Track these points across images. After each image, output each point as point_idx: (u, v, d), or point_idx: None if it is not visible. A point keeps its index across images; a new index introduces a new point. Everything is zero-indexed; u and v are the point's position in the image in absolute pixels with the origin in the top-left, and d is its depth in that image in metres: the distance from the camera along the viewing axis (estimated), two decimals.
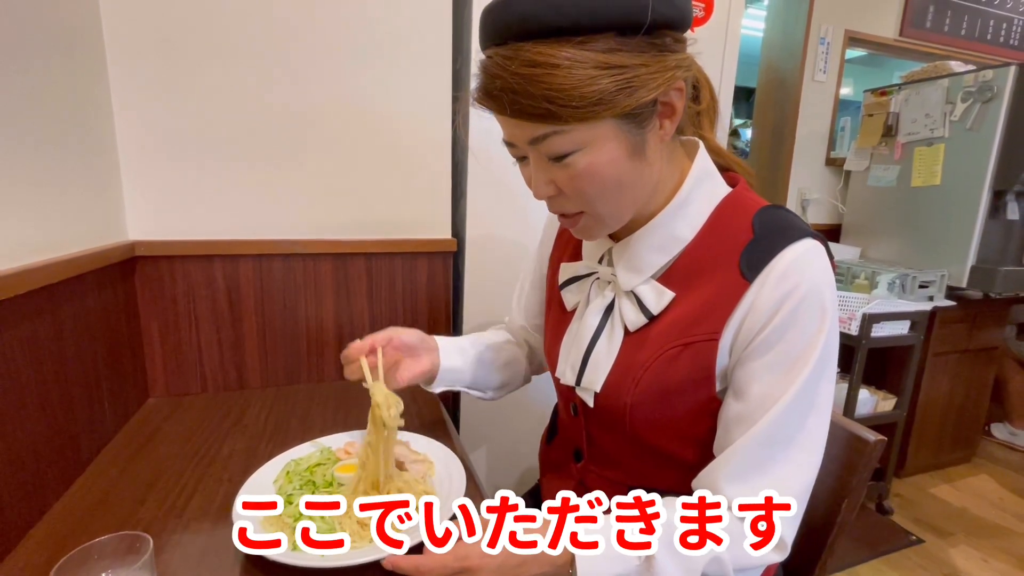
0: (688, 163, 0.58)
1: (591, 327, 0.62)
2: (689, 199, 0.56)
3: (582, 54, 0.44)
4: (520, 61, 0.45)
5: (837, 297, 0.52)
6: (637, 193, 0.54)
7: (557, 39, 0.45)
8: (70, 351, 0.73)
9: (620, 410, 0.59)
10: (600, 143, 0.49)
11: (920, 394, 2.01)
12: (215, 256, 1.00)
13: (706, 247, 0.56)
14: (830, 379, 0.52)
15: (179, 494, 0.70)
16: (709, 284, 0.54)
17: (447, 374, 0.76)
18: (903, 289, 1.87)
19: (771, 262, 0.50)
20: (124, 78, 0.91)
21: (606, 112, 0.46)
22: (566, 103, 0.45)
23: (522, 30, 0.45)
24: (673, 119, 0.51)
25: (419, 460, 0.73)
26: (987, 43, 2.60)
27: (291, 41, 0.99)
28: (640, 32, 0.45)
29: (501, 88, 0.47)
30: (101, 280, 0.83)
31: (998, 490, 2.12)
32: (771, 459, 0.51)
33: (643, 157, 0.51)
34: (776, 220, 0.54)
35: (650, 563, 0.49)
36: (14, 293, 0.61)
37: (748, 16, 3.25)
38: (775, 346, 0.50)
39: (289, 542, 0.57)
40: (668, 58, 0.48)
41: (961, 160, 1.92)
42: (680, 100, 0.50)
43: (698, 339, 0.53)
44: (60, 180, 0.75)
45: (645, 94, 0.47)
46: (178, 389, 1.03)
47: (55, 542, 0.60)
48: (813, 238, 0.52)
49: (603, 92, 0.45)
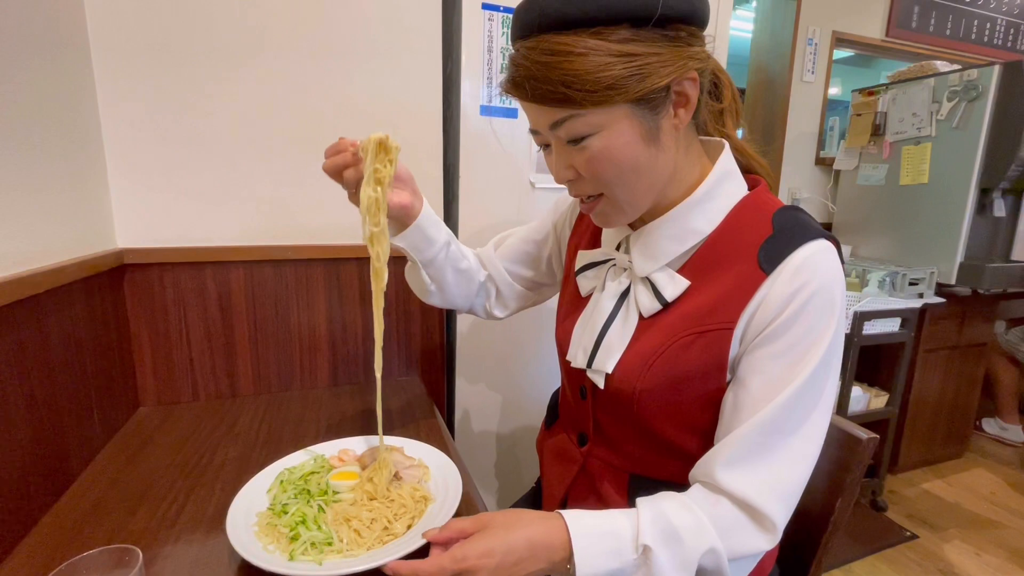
0: (710, 163, 0.60)
1: (605, 311, 0.63)
2: (709, 195, 0.58)
3: (597, 43, 0.48)
4: (540, 50, 0.49)
5: (846, 298, 0.54)
6: (653, 178, 0.56)
7: (575, 30, 0.48)
8: (58, 361, 0.72)
9: (629, 394, 0.59)
10: (615, 126, 0.51)
11: (912, 391, 2.03)
12: (205, 263, 0.99)
13: (726, 241, 0.57)
14: (835, 377, 0.54)
15: (171, 504, 0.69)
16: (727, 276, 0.55)
17: (419, 230, 0.69)
18: (893, 287, 1.89)
19: (788, 257, 0.52)
20: (111, 84, 0.90)
21: (620, 97, 0.49)
22: (581, 87, 0.48)
23: (543, 23, 0.49)
24: (688, 108, 0.53)
25: (414, 465, 0.73)
26: (972, 43, 2.63)
27: (280, 46, 0.98)
28: (652, 23, 0.48)
29: (524, 76, 0.51)
30: (89, 289, 0.82)
31: (990, 484, 2.14)
32: (770, 448, 0.52)
33: (657, 143, 0.53)
34: (795, 219, 0.56)
35: (647, 556, 0.49)
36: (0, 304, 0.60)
37: (737, 18, 3.27)
38: (782, 337, 0.52)
39: (285, 552, 0.56)
40: (682, 50, 0.51)
41: (948, 158, 1.94)
42: (694, 90, 0.53)
43: (713, 328, 0.54)
44: (47, 187, 0.74)
45: (657, 80, 0.49)
46: (169, 398, 1.01)
47: (43, 555, 0.59)
48: (828, 239, 0.54)
49: (616, 78, 0.48)
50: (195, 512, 0.67)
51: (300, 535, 0.58)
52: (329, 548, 0.57)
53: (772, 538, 0.52)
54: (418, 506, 0.65)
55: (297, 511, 0.61)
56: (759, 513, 0.51)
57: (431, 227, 0.71)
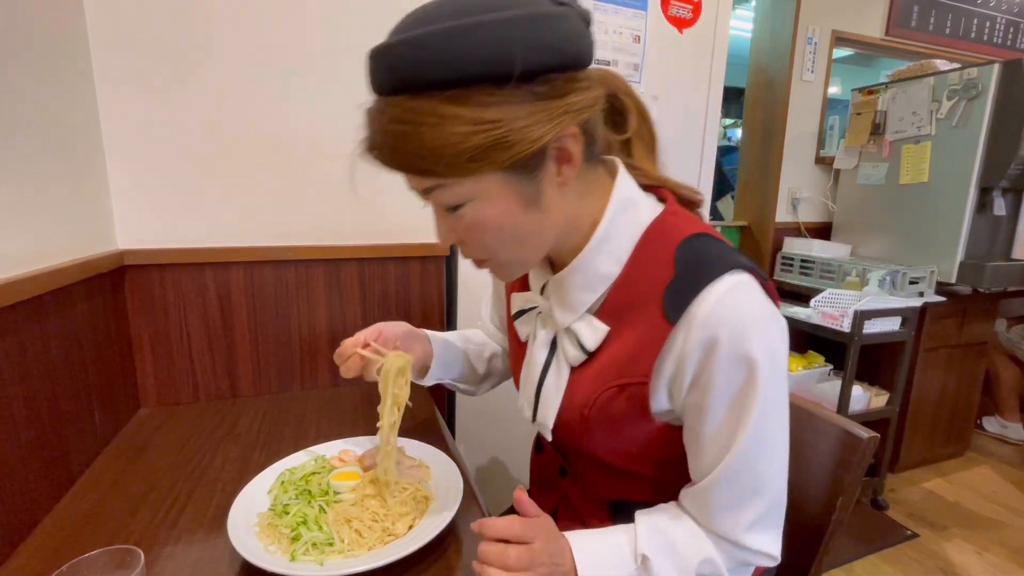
0: (611, 189, 0.54)
1: (539, 362, 0.62)
2: (609, 234, 0.53)
3: (452, 110, 0.42)
4: (391, 117, 0.44)
5: (776, 326, 0.49)
6: (541, 239, 0.52)
7: (427, 94, 0.42)
8: (59, 362, 0.72)
9: (576, 443, 0.59)
10: (488, 196, 0.47)
11: (912, 390, 2.03)
12: (206, 264, 1.00)
13: (632, 283, 0.53)
14: (779, 416, 0.50)
15: (171, 505, 0.69)
16: (638, 323, 0.52)
17: (439, 366, 0.76)
18: (894, 286, 1.89)
19: (692, 304, 0.48)
20: (112, 85, 0.90)
21: (486, 167, 0.44)
22: (438, 161, 0.43)
23: (392, 85, 0.44)
24: (571, 164, 0.48)
25: (415, 465, 0.73)
26: (971, 41, 2.63)
27: (280, 45, 0.99)
28: (512, 82, 0.42)
29: (379, 143, 0.46)
30: (90, 290, 0.82)
31: (991, 483, 2.14)
32: (743, 489, 0.50)
33: (539, 206, 0.49)
34: (698, 253, 0.50)
35: (646, 565, 0.50)
36: (0, 305, 0.60)
37: (736, 17, 3.26)
38: (710, 391, 0.49)
39: (286, 552, 0.56)
40: (556, 104, 0.44)
41: (948, 157, 1.94)
42: (576, 145, 0.47)
43: (632, 381, 0.52)
44: (47, 189, 0.74)
45: (526, 147, 0.44)
46: (170, 399, 1.02)
47: (45, 557, 0.59)
48: (739, 270, 0.48)
49: (477, 148, 0.43)
50: (196, 513, 0.67)
51: (301, 535, 0.58)
52: (330, 548, 0.57)
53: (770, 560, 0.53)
54: (419, 506, 0.65)
55: (298, 512, 0.61)
56: (753, 552, 0.51)
57: (446, 353, 0.77)
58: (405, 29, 0.43)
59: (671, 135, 1.30)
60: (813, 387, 1.92)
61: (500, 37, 0.41)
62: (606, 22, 1.21)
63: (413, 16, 0.44)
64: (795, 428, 0.72)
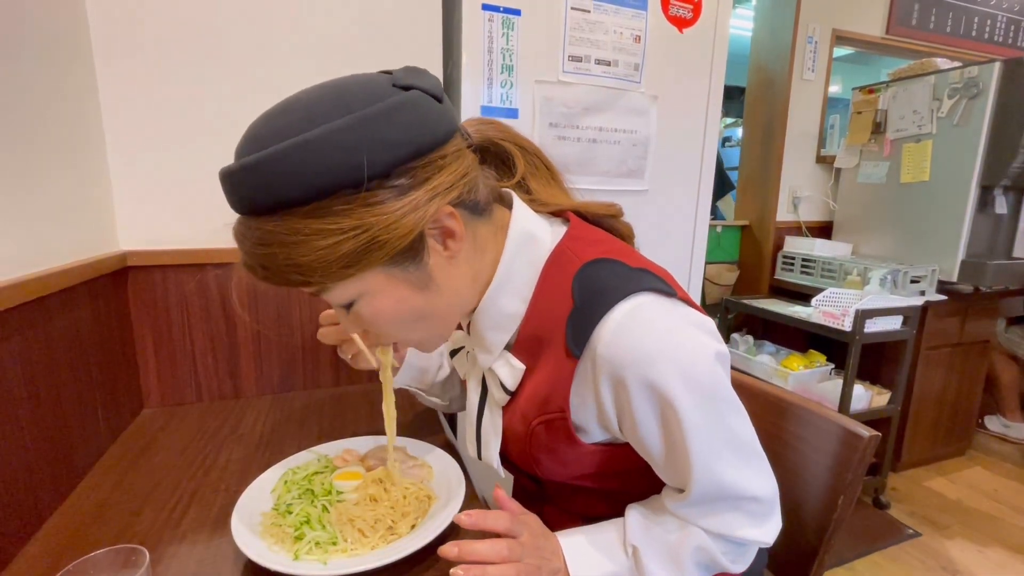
0: (509, 227, 0.53)
1: (475, 403, 0.62)
2: (511, 272, 0.52)
3: (313, 225, 0.41)
4: (252, 241, 0.43)
5: (683, 337, 0.46)
6: (446, 312, 0.51)
7: (285, 212, 0.41)
8: (62, 363, 0.73)
9: (532, 472, 0.60)
10: (376, 290, 0.46)
11: (914, 388, 2.03)
12: (208, 265, 1.00)
13: (538, 319, 0.52)
14: (723, 427, 0.48)
15: (175, 505, 0.69)
16: (549, 358, 0.51)
17: (411, 369, 0.77)
18: (895, 284, 1.89)
19: (591, 337, 0.47)
20: (113, 86, 0.90)
21: (363, 268, 0.43)
22: (312, 274, 0.43)
23: (246, 208, 0.43)
24: (455, 238, 0.47)
25: (417, 465, 0.73)
26: (972, 39, 2.63)
27: (281, 46, 0.99)
28: (366, 184, 0.41)
29: (250, 264, 0.45)
30: (93, 291, 0.82)
31: (992, 481, 2.13)
32: (719, 513, 0.51)
33: (432, 284, 0.48)
34: (594, 281, 0.49)
35: (637, 556, 0.51)
36: (4, 307, 0.60)
37: (737, 16, 3.27)
38: (639, 429, 0.48)
39: (290, 551, 0.57)
40: (417, 195, 0.43)
41: (949, 156, 1.94)
42: (454, 220, 0.46)
43: (552, 416, 0.52)
44: (49, 190, 0.74)
45: (399, 242, 0.43)
46: (173, 399, 1.02)
47: (50, 557, 0.60)
48: (636, 293, 0.47)
49: (348, 256, 0.42)
50: (200, 512, 0.68)
51: (305, 535, 0.58)
52: (334, 548, 0.57)
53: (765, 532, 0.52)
54: (422, 506, 0.65)
55: (301, 511, 0.62)
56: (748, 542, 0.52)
57: (422, 359, 0.77)
58: (246, 149, 0.41)
59: (671, 135, 1.30)
60: (814, 386, 1.92)
61: (343, 144, 0.40)
62: (606, 22, 1.21)
63: (253, 131, 0.42)
64: (796, 427, 0.72)
